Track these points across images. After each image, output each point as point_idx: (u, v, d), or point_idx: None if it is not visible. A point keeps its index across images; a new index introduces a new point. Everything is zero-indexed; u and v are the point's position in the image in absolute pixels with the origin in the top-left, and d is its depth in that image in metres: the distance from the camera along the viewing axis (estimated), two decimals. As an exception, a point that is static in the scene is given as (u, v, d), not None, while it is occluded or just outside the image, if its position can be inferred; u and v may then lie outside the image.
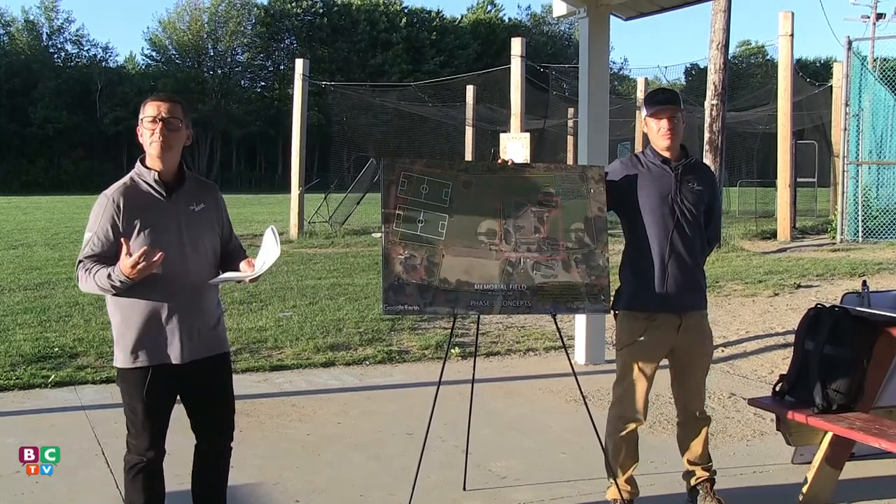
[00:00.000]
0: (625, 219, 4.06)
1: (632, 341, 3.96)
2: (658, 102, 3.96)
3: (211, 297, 3.38)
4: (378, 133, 28.93)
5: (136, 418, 3.26)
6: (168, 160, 3.25)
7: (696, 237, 3.96)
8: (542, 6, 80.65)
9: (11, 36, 66.78)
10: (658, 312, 3.91)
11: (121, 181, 3.26)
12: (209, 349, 3.34)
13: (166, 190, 3.25)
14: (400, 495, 4.17)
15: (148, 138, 3.22)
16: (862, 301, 4.46)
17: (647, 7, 7.45)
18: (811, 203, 25.92)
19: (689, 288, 3.93)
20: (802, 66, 45.03)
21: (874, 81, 17.96)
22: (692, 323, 3.97)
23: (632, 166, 4.02)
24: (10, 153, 59.74)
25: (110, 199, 3.18)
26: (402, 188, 3.90)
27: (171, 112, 3.22)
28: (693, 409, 4.08)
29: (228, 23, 69.83)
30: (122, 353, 3.24)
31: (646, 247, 3.92)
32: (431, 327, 8.55)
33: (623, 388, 4.00)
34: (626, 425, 3.99)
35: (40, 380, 6.43)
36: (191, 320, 3.24)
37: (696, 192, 3.95)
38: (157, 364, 3.21)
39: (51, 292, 10.66)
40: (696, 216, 3.94)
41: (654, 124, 3.94)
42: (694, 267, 3.95)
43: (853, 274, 12.50)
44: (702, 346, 4.03)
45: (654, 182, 3.93)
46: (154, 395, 3.23)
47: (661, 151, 3.96)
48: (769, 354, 7.70)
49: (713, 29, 16.13)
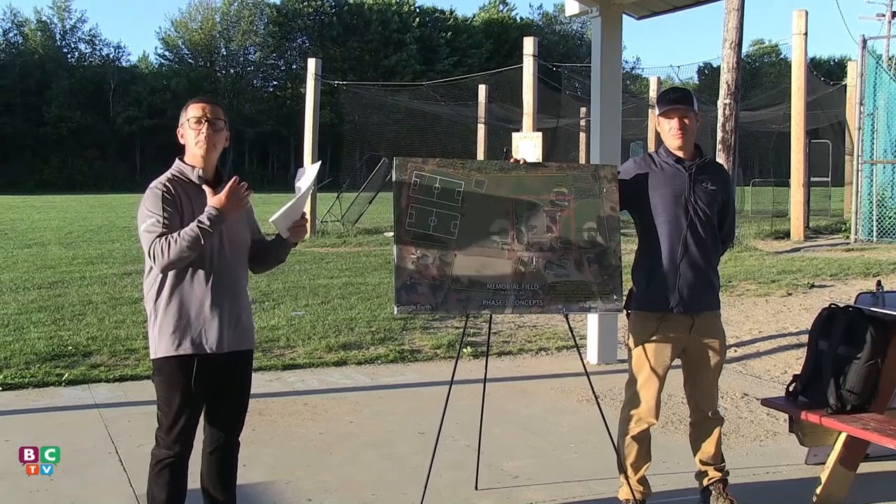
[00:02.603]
0: (638, 218, 4.04)
1: (643, 341, 3.95)
2: (669, 101, 3.94)
3: (244, 291, 3.47)
4: (390, 132, 28.97)
5: (170, 411, 3.30)
6: (210, 159, 3.36)
7: (710, 237, 3.94)
8: (555, 5, 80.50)
9: (25, 36, 67.10)
10: (670, 312, 3.90)
11: (164, 175, 3.35)
12: (241, 343, 3.41)
13: (208, 186, 3.34)
14: (412, 494, 4.17)
15: (193, 138, 3.32)
16: (876, 301, 4.43)
17: (659, 6, 7.43)
18: (825, 202, 25.79)
19: (701, 288, 3.91)
20: (816, 65, 44.85)
21: (889, 80, 17.83)
22: (705, 323, 3.96)
23: (645, 166, 4.01)
24: (25, 153, 60.04)
25: (163, 185, 3.28)
26: (414, 187, 3.90)
27: (214, 113, 3.33)
28: (706, 409, 4.06)
29: (240, 22, 69.93)
30: (165, 341, 3.28)
31: (658, 246, 3.91)
32: (443, 327, 8.55)
33: (635, 388, 3.99)
34: (638, 425, 3.98)
35: (54, 378, 6.47)
36: (230, 312, 3.33)
37: (710, 191, 3.93)
38: (200, 353, 3.27)
39: (65, 291, 10.72)
40: (710, 216, 3.92)
41: (665, 123, 3.93)
42: (707, 267, 3.94)
43: (867, 274, 12.43)
44: (714, 346, 4.01)
45: (667, 181, 3.92)
46: (195, 384, 3.27)
47: (673, 151, 3.95)
48: (782, 354, 7.67)
49: (726, 28, 16.06)
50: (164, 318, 3.29)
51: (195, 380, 3.27)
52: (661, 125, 3.97)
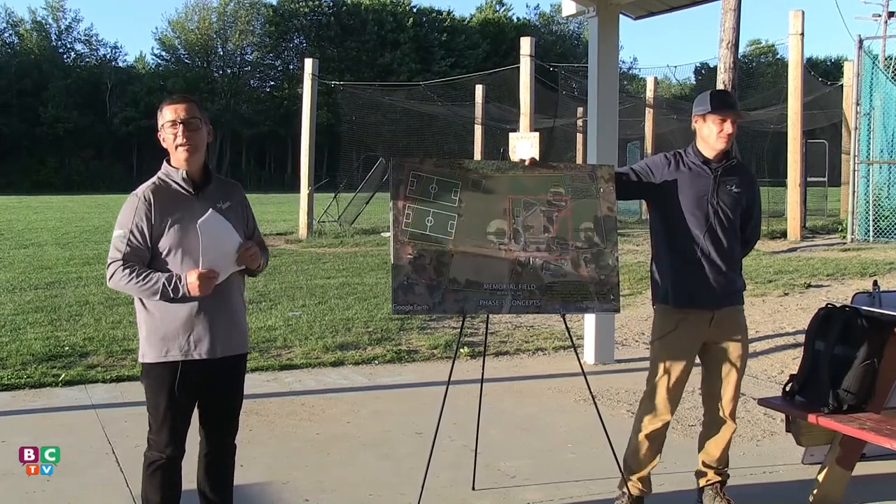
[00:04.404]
0: (659, 214, 4.04)
1: (663, 335, 3.96)
2: (728, 105, 3.92)
3: (238, 296, 3.43)
4: (387, 132, 28.92)
5: (158, 414, 3.30)
6: (194, 160, 3.32)
7: (731, 239, 3.93)
8: (551, 5, 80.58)
9: (20, 36, 66.97)
10: (690, 308, 3.90)
11: (150, 181, 3.32)
12: (234, 347, 3.38)
13: (194, 188, 3.32)
14: (409, 495, 4.17)
15: (172, 142, 3.28)
16: (873, 301, 4.44)
17: (656, 6, 7.43)
18: (821, 202, 25.79)
19: (720, 286, 3.90)
20: (813, 65, 44.90)
21: (885, 80, 17.84)
22: (725, 316, 3.95)
23: (674, 163, 4.00)
24: (21, 153, 59.95)
25: (141, 198, 3.25)
26: (411, 188, 3.91)
27: (189, 112, 3.28)
28: (719, 410, 4.02)
29: (237, 22, 69.87)
30: (152, 347, 3.27)
31: (674, 244, 3.93)
32: (440, 327, 8.55)
33: (654, 383, 3.98)
34: (655, 420, 3.97)
35: (51, 379, 6.46)
36: (220, 316, 3.29)
37: (734, 194, 3.93)
38: (187, 360, 3.25)
39: (61, 291, 10.71)
40: (732, 219, 3.92)
41: (715, 125, 3.88)
42: (727, 269, 3.92)
43: (864, 274, 12.43)
44: (735, 339, 3.98)
45: (691, 182, 3.92)
46: (180, 391, 3.26)
47: (707, 152, 3.93)
48: (779, 354, 7.67)
49: (723, 28, 16.12)
50: (151, 324, 3.27)
51: (180, 385, 3.24)
52: (708, 126, 3.90)
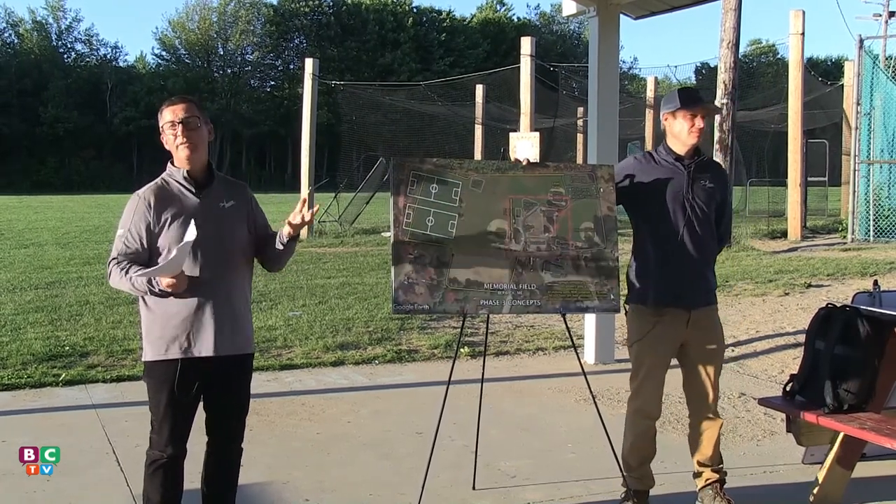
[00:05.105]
0: (635, 215, 4.05)
1: (641, 336, 3.97)
2: (697, 101, 3.95)
3: (241, 294, 3.42)
4: (387, 132, 28.94)
5: (159, 413, 3.30)
6: (196, 159, 3.34)
7: (707, 235, 3.96)
8: (552, 5, 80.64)
9: (21, 36, 66.99)
10: (666, 308, 3.91)
11: (153, 182, 3.36)
12: (237, 347, 3.37)
13: (196, 187, 3.34)
14: (409, 495, 4.17)
15: (173, 143, 3.31)
16: (873, 300, 4.43)
17: (656, 6, 7.43)
18: (822, 202, 25.79)
19: (697, 285, 3.94)
20: (813, 65, 44.90)
21: (886, 80, 17.84)
22: (701, 316, 3.97)
23: (645, 163, 4.02)
24: (21, 153, 59.97)
25: (142, 198, 3.28)
26: (411, 187, 3.91)
27: (187, 112, 3.30)
28: (704, 410, 4.05)
29: (237, 22, 69.90)
30: (152, 345, 3.28)
31: (656, 243, 3.94)
32: (441, 327, 8.55)
33: (637, 383, 4.01)
34: (644, 419, 4.01)
35: (51, 378, 6.46)
36: (221, 315, 3.29)
37: (709, 189, 3.95)
38: (186, 357, 3.25)
39: (62, 291, 10.71)
40: (708, 214, 3.94)
41: (686, 121, 3.90)
42: (703, 265, 3.96)
43: (864, 273, 12.43)
44: (712, 339, 4.01)
45: (666, 179, 3.93)
46: (181, 389, 3.26)
47: (678, 149, 3.95)
48: (779, 354, 7.67)
49: (723, 27, 16.09)
50: (152, 322, 3.28)
51: (180, 383, 3.24)
52: (679, 122, 3.92)
